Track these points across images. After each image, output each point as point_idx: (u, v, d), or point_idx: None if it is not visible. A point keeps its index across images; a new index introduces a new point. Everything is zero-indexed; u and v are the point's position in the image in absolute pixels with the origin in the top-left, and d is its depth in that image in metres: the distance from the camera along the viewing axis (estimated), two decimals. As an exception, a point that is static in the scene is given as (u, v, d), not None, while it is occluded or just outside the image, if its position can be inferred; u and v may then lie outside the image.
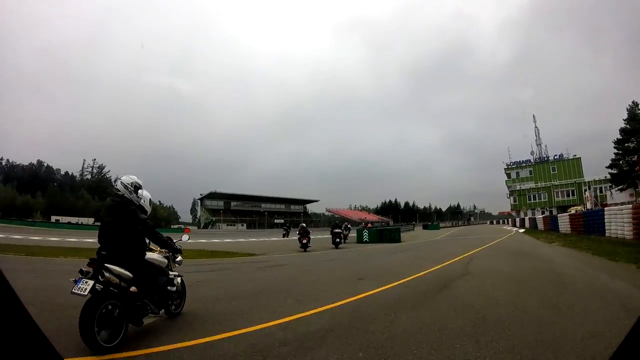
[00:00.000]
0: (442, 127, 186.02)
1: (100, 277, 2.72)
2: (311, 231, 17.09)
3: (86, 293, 2.61)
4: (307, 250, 14.45)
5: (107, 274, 2.78)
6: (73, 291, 2.63)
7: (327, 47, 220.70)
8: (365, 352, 2.68)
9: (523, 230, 28.56)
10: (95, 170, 73.25)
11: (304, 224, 15.95)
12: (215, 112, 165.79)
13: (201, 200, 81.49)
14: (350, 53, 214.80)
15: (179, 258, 3.94)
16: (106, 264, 2.82)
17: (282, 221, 69.09)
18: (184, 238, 4.23)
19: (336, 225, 17.80)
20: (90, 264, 2.79)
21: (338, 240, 16.50)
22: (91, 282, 2.66)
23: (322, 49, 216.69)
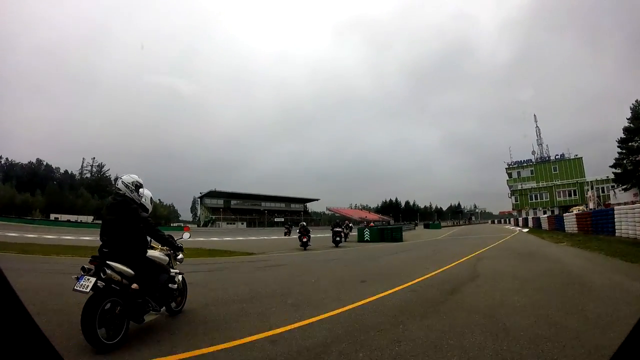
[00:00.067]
0: (442, 127, 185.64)
1: (102, 274, 2.70)
2: (311, 230, 17.14)
3: (88, 290, 2.60)
4: (307, 249, 14.29)
5: (109, 271, 2.77)
6: (75, 288, 2.62)
7: (327, 47, 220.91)
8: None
9: (527, 230, 28.18)
10: (94, 169, 72.94)
11: (304, 223, 15.96)
12: (215, 112, 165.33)
13: (201, 198, 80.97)
14: (350, 53, 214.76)
15: (180, 256, 3.92)
16: (108, 261, 2.81)
17: (283, 220, 68.74)
18: (185, 236, 4.29)
19: (337, 224, 17.87)
20: (92, 261, 2.77)
21: (338, 239, 16.55)
22: (93, 279, 2.64)
23: (322, 49, 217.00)
